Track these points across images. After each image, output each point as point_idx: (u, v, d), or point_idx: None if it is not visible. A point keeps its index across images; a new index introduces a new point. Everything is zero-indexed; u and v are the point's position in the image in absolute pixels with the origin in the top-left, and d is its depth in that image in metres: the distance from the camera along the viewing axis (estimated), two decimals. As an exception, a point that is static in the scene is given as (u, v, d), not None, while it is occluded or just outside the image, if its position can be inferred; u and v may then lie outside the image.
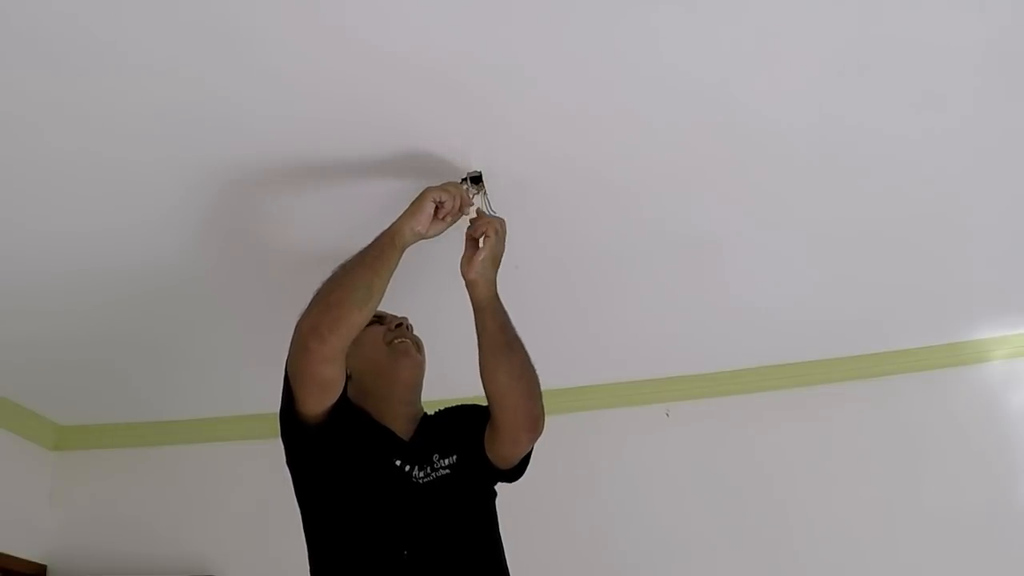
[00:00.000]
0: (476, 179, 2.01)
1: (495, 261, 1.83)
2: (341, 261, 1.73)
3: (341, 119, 1.86)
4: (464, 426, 1.88)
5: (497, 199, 2.03)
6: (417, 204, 1.75)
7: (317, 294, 1.68)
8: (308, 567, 1.76)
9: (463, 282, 1.83)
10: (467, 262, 1.80)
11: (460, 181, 2.03)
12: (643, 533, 3.12)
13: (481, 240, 1.81)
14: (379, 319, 1.93)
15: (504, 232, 1.84)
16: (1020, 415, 3.12)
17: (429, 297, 2.21)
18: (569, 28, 1.63)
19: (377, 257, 1.70)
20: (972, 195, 2.28)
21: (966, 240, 2.51)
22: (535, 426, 1.81)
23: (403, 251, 1.73)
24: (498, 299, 1.84)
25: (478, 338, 1.83)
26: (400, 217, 1.75)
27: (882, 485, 3.09)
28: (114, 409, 3.31)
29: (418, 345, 1.96)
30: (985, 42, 1.73)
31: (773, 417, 3.21)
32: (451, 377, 2.09)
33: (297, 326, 1.67)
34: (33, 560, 3.22)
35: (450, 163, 1.98)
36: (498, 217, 1.88)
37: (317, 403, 1.69)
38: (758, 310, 2.82)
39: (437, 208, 1.76)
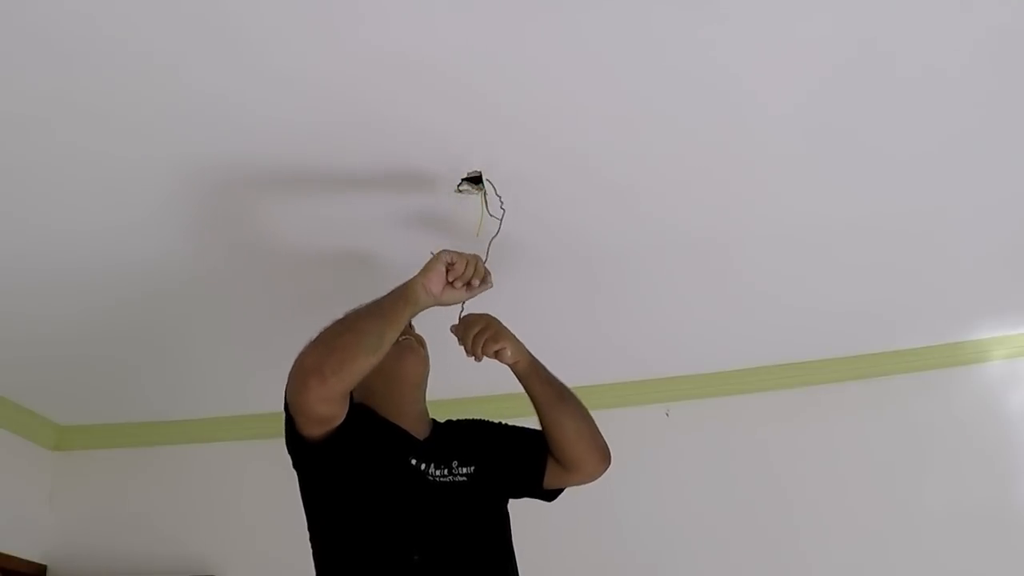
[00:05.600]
0: (475, 180, 2.01)
1: (515, 339, 1.86)
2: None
3: (342, 119, 1.85)
4: (487, 442, 1.92)
5: (502, 197, 2.03)
6: (430, 263, 1.73)
7: (324, 333, 1.65)
8: (309, 567, 1.75)
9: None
10: (500, 357, 1.82)
11: (460, 181, 2.03)
12: (642, 533, 3.12)
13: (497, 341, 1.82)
14: None
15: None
16: (1020, 415, 3.12)
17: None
18: (573, 27, 1.63)
19: (391, 308, 1.69)
20: (972, 195, 2.28)
21: (966, 240, 2.50)
22: (607, 456, 1.94)
23: (416, 308, 1.72)
24: (536, 360, 1.90)
25: (533, 401, 1.90)
26: (415, 275, 1.74)
27: (882, 485, 3.09)
28: (114, 409, 3.31)
29: (421, 341, 1.96)
30: (986, 40, 1.74)
31: (773, 417, 3.21)
32: (452, 377, 2.11)
33: (300, 359, 1.63)
34: (33, 560, 3.23)
35: (451, 162, 1.98)
36: (484, 315, 1.87)
37: (317, 432, 1.69)
38: (758, 310, 2.82)
39: (449, 271, 1.73)
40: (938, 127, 2.00)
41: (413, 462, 1.76)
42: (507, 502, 1.90)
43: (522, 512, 1.96)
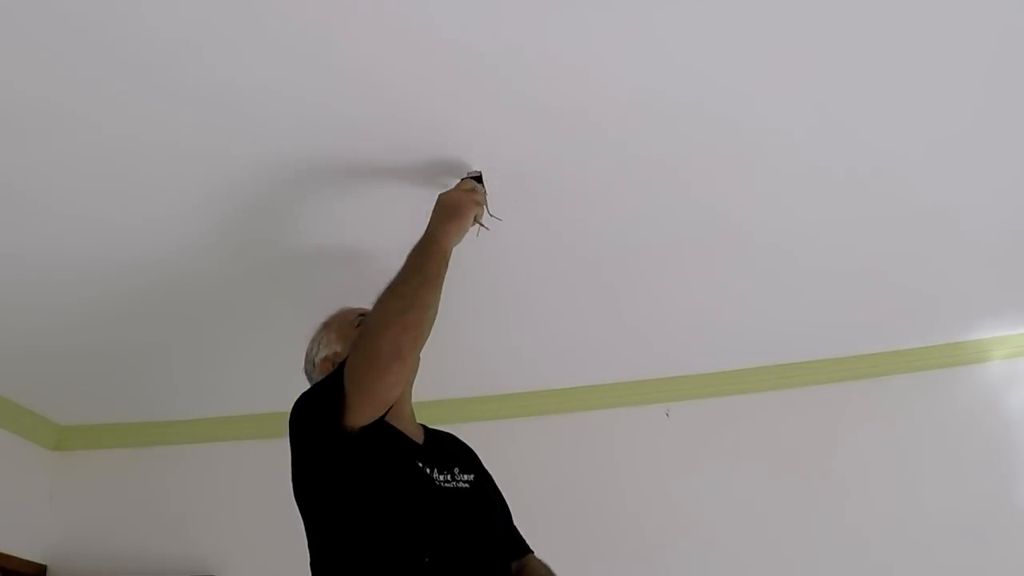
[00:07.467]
0: (476, 179, 2.01)
1: None
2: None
3: (344, 118, 1.85)
4: (477, 460, 1.93)
5: (498, 196, 2.03)
6: (462, 220, 1.79)
7: (387, 313, 1.62)
8: (309, 568, 1.75)
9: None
10: None
11: (460, 181, 2.03)
12: (642, 533, 3.12)
13: None
14: None
15: None
16: (1020, 415, 3.12)
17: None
18: (573, 27, 1.64)
19: (435, 274, 1.70)
20: (972, 195, 2.29)
21: (966, 240, 2.51)
22: None
23: None
24: None
25: None
26: (445, 230, 1.77)
27: (882, 485, 3.09)
28: (114, 409, 3.31)
29: None
30: (985, 43, 1.74)
31: (773, 417, 3.21)
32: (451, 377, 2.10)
33: (372, 345, 1.60)
34: (33, 560, 3.22)
35: (453, 159, 1.98)
36: None
37: (371, 417, 1.64)
38: (758, 310, 2.82)
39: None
40: (938, 128, 2.00)
41: (420, 465, 1.74)
42: (508, 515, 1.90)
43: (522, 512, 1.96)
